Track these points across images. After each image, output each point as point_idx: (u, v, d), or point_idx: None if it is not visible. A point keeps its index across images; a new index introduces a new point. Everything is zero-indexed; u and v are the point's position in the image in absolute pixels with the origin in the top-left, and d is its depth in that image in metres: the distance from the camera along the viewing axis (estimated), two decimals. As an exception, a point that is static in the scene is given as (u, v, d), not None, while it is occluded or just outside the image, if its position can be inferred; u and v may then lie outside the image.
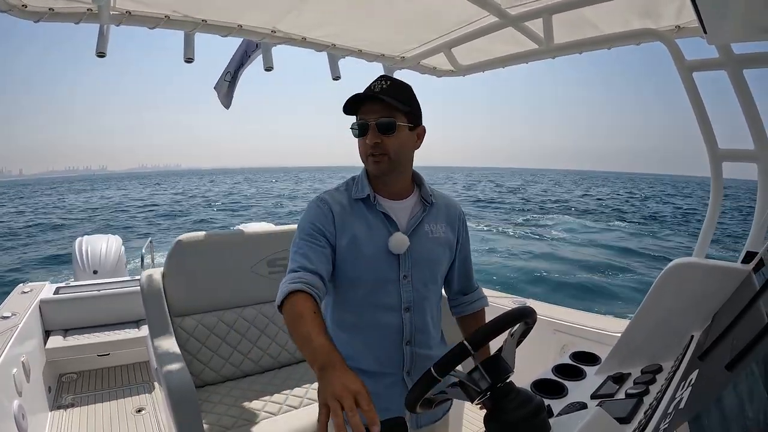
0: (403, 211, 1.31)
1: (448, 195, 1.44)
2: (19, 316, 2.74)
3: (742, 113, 1.59)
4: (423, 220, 1.31)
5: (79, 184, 74.93)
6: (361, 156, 1.27)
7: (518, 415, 0.85)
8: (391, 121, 1.21)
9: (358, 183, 1.31)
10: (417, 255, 1.28)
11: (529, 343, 1.06)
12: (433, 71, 2.70)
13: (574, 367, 1.39)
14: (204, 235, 2.22)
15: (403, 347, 1.28)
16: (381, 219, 1.27)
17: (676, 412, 0.76)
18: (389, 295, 1.26)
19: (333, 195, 1.30)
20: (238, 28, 2.04)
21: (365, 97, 1.21)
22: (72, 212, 30.23)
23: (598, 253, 15.16)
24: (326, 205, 1.26)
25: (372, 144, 1.21)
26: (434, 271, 1.33)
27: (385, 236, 1.25)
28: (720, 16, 1.01)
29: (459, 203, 1.45)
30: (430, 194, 1.35)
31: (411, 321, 1.28)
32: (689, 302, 1.26)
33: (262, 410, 1.88)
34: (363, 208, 1.28)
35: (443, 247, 1.34)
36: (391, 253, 1.25)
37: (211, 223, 23.42)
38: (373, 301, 1.26)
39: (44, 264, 13.81)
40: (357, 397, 0.79)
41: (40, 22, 1.71)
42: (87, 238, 4.28)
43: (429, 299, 1.32)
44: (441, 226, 1.34)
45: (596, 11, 1.79)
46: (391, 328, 1.27)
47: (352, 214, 1.27)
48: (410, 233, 1.27)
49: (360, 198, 1.28)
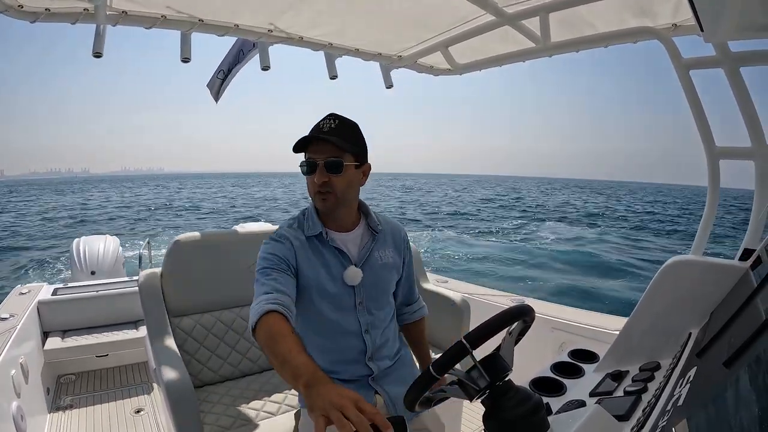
0: (352, 242, 1.40)
1: (391, 219, 1.55)
2: (17, 317, 2.74)
3: (735, 112, 1.60)
4: (372, 248, 1.42)
5: (34, 189, 71.12)
6: (309, 192, 1.34)
7: (517, 413, 0.85)
8: (339, 161, 1.27)
9: (309, 220, 1.39)
10: (369, 282, 1.39)
11: (527, 342, 1.07)
12: (430, 70, 2.70)
13: (572, 365, 1.39)
14: (202, 235, 2.21)
15: (366, 362, 1.40)
16: (335, 253, 1.36)
17: (674, 409, 0.76)
18: (349, 321, 1.37)
19: (289, 231, 1.37)
20: (234, 27, 2.04)
21: (316, 137, 1.27)
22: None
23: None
24: (287, 240, 1.33)
25: (320, 183, 1.27)
26: (386, 294, 1.45)
27: (340, 270, 1.35)
28: (716, 14, 1.01)
29: (402, 226, 1.57)
30: (378, 223, 1.45)
31: (372, 340, 1.40)
32: (687, 300, 1.26)
33: (261, 410, 1.88)
34: (317, 244, 1.36)
35: (392, 270, 1.46)
36: (347, 284, 1.35)
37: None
38: (335, 327, 1.37)
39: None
40: (358, 404, 0.79)
41: (37, 22, 1.70)
42: (84, 239, 4.27)
43: (385, 318, 1.44)
44: (389, 251, 1.46)
45: (593, 9, 1.79)
46: (355, 348, 1.39)
47: (309, 250, 1.35)
48: (362, 263, 1.38)
49: (313, 235, 1.36)
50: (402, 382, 1.42)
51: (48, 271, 12.18)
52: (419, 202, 40.85)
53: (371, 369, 1.40)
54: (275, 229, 2.50)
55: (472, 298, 2.78)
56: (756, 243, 1.46)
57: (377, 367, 1.41)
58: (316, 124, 1.30)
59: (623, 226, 26.38)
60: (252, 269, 2.35)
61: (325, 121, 1.30)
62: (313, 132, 1.29)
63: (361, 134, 1.35)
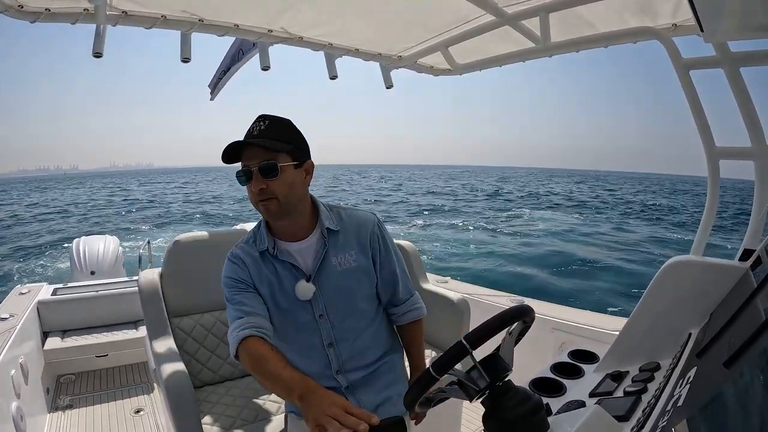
0: (307, 250, 1.30)
1: (359, 213, 1.39)
2: (17, 317, 2.74)
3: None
4: (327, 255, 1.29)
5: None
6: (252, 204, 1.24)
7: (517, 414, 0.85)
8: (273, 164, 1.18)
9: (260, 233, 1.31)
10: (328, 292, 1.29)
11: (527, 342, 1.06)
12: (430, 70, 2.70)
13: (572, 366, 1.39)
14: (202, 235, 2.21)
15: (335, 376, 1.32)
16: (287, 267, 1.28)
17: (674, 409, 0.76)
18: (310, 335, 1.29)
19: (244, 248, 1.32)
20: (234, 27, 2.04)
21: (244, 143, 1.18)
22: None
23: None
24: (239, 260, 1.30)
25: (257, 190, 1.18)
26: (351, 302, 1.32)
27: (293, 284, 1.27)
28: (716, 15, 1.01)
29: (373, 217, 1.39)
30: (328, 226, 1.31)
31: (336, 354, 1.31)
32: (687, 300, 1.26)
33: (261, 410, 1.87)
34: (269, 258, 1.29)
35: (357, 275, 1.32)
36: (299, 300, 1.27)
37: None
38: (297, 342, 1.31)
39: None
40: (348, 410, 0.84)
41: (37, 22, 1.70)
42: (84, 239, 4.27)
43: (354, 328, 1.33)
44: (350, 254, 1.31)
45: (592, 9, 1.79)
46: (321, 363, 1.31)
47: (262, 266, 1.29)
48: (316, 274, 1.28)
49: (263, 249, 1.29)
50: (383, 388, 1.36)
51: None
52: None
53: (340, 383, 1.32)
54: None
55: (472, 299, 2.78)
56: (756, 243, 1.46)
57: (346, 379, 1.32)
58: (248, 130, 1.22)
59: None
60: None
61: (255, 125, 1.21)
62: (244, 138, 1.20)
63: (297, 130, 1.26)
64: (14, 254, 14.41)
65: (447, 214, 24.73)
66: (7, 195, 48.40)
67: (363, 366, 1.35)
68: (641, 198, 40.99)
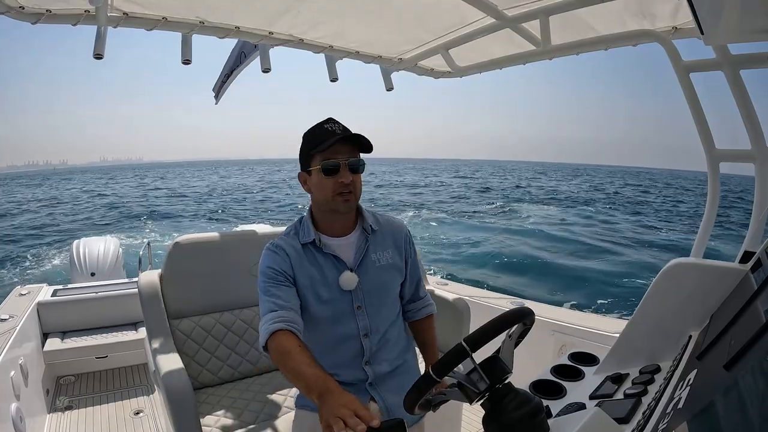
0: (348, 246, 1.39)
1: (393, 218, 1.52)
2: (16, 318, 2.73)
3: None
4: (368, 251, 1.40)
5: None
6: (324, 194, 1.31)
7: (517, 416, 0.85)
8: (362, 161, 1.31)
9: (304, 227, 1.39)
10: (367, 286, 1.38)
11: (527, 344, 1.06)
12: (431, 72, 2.70)
13: (572, 368, 1.39)
14: (201, 237, 2.21)
15: (363, 367, 1.39)
16: (330, 259, 1.36)
17: (674, 411, 0.76)
18: (347, 326, 1.37)
19: (286, 240, 1.38)
20: (235, 29, 2.04)
21: (349, 137, 1.27)
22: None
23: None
24: (282, 251, 1.35)
25: (348, 182, 1.27)
26: (385, 297, 1.43)
27: (336, 275, 1.35)
28: (716, 17, 1.01)
29: (403, 223, 1.54)
30: (370, 224, 1.42)
31: (369, 345, 1.39)
32: (687, 302, 1.26)
33: (261, 412, 1.87)
34: (312, 251, 1.37)
35: (391, 272, 1.43)
36: (343, 290, 1.35)
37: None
38: (333, 332, 1.37)
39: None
40: (357, 412, 0.87)
41: (38, 23, 1.71)
42: (85, 240, 4.26)
43: (385, 321, 1.42)
44: (387, 252, 1.43)
45: (593, 12, 1.79)
46: (352, 352, 1.38)
47: (304, 258, 1.36)
48: (357, 267, 1.37)
49: (307, 242, 1.36)
50: (402, 390, 1.41)
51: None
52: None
53: (367, 374, 1.39)
54: (274, 231, 2.51)
55: (472, 301, 2.78)
56: (756, 245, 1.46)
57: (373, 371, 1.40)
58: (322, 128, 1.30)
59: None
60: (252, 272, 2.35)
61: (335, 125, 1.30)
62: (323, 134, 1.28)
63: None
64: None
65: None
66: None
67: (387, 360, 1.43)
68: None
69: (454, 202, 28.80)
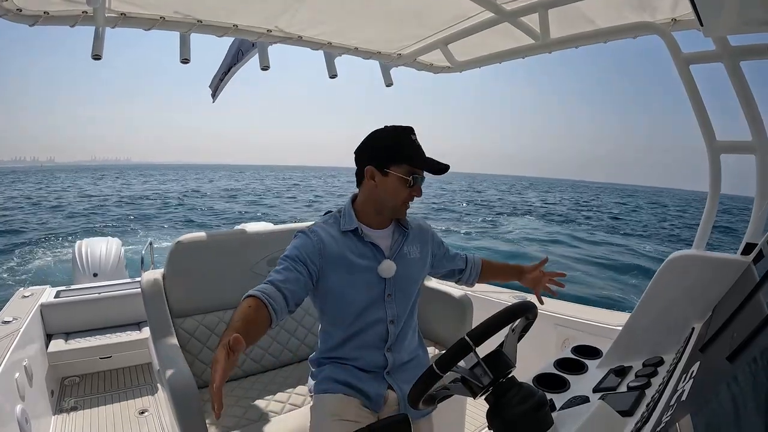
0: (385, 238, 1.51)
1: (417, 218, 1.67)
2: (20, 320, 2.74)
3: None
4: (403, 245, 1.53)
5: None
6: (395, 199, 1.44)
7: (521, 410, 0.85)
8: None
9: (345, 216, 1.49)
10: (400, 275, 1.48)
11: (530, 338, 1.07)
12: (430, 68, 2.69)
13: (575, 361, 1.39)
14: (204, 236, 2.21)
15: (385, 353, 1.49)
16: (369, 248, 1.47)
17: (678, 404, 0.76)
18: (377, 311, 1.46)
19: (323, 227, 1.47)
20: (233, 28, 2.04)
21: (432, 163, 1.40)
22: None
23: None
24: (316, 236, 1.43)
25: (418, 196, 1.45)
26: (413, 288, 1.55)
27: (374, 263, 1.45)
28: (716, 9, 1.01)
29: (427, 222, 1.70)
30: (407, 222, 1.57)
31: (394, 330, 1.49)
32: (689, 294, 1.26)
33: (265, 409, 1.88)
34: (352, 238, 1.46)
35: (419, 266, 1.56)
36: (379, 277, 1.45)
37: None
38: (363, 316, 1.46)
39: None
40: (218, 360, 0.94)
41: (36, 25, 1.70)
42: (87, 241, 4.27)
43: (407, 311, 1.53)
44: (416, 247, 1.56)
45: (591, 5, 1.79)
46: (378, 336, 1.48)
47: (343, 245, 1.44)
48: (395, 257, 1.48)
49: (348, 230, 1.46)
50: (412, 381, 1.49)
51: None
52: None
53: (387, 360, 1.49)
54: (276, 228, 2.51)
55: (475, 296, 2.78)
56: (758, 237, 1.46)
57: (393, 359, 1.49)
58: (410, 138, 1.41)
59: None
60: (254, 270, 2.35)
61: (416, 138, 1.43)
62: (412, 147, 1.40)
63: None
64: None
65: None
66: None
67: (406, 349, 1.54)
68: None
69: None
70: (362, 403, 1.45)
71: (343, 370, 1.49)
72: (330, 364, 1.53)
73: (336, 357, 1.52)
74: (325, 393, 1.48)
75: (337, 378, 1.48)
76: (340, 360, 1.51)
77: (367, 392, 1.45)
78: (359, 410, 1.43)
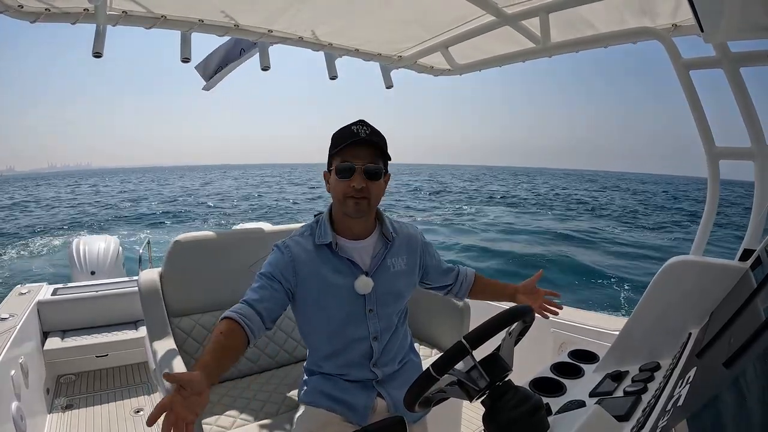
0: (365, 250, 1.39)
1: (407, 225, 1.55)
2: (16, 317, 2.73)
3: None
4: (385, 256, 1.41)
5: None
6: (336, 195, 1.31)
7: (517, 414, 0.85)
8: (379, 168, 1.29)
9: (321, 228, 1.39)
10: (381, 290, 1.39)
11: (527, 342, 1.07)
12: (430, 70, 2.70)
13: (572, 366, 1.39)
14: (202, 235, 2.21)
15: (371, 368, 1.42)
16: (345, 263, 1.36)
17: (674, 409, 0.76)
18: (358, 328, 1.38)
19: (297, 241, 1.38)
20: (234, 27, 2.04)
21: (363, 140, 1.25)
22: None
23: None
24: (289, 252, 1.35)
25: (359, 188, 1.27)
26: (397, 302, 1.44)
27: (351, 279, 1.35)
28: (716, 15, 1.01)
29: (417, 230, 1.55)
30: (391, 231, 1.44)
31: (378, 347, 1.41)
32: (687, 300, 1.26)
33: (261, 410, 1.87)
34: (328, 252, 1.36)
35: (405, 278, 1.45)
36: (357, 293, 1.36)
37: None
38: (344, 333, 1.38)
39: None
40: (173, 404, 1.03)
41: (37, 22, 1.70)
42: (84, 239, 4.26)
43: (394, 325, 1.45)
44: (402, 258, 1.45)
45: (592, 10, 1.79)
46: (362, 354, 1.41)
47: (318, 259, 1.35)
48: (374, 272, 1.38)
49: (323, 243, 1.36)
50: (407, 386, 1.45)
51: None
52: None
53: (375, 374, 1.42)
54: (274, 228, 2.50)
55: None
56: (756, 243, 1.46)
57: (382, 372, 1.43)
58: (348, 130, 1.27)
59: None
60: (252, 269, 2.35)
61: (359, 128, 1.27)
62: (347, 135, 1.26)
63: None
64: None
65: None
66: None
67: (394, 361, 1.47)
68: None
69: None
70: (346, 418, 1.41)
71: (329, 382, 1.45)
72: (318, 375, 1.49)
73: (323, 372, 1.48)
74: (310, 405, 1.45)
75: (323, 390, 1.44)
76: (326, 374, 1.47)
77: (354, 405, 1.40)
78: (342, 426, 1.40)
